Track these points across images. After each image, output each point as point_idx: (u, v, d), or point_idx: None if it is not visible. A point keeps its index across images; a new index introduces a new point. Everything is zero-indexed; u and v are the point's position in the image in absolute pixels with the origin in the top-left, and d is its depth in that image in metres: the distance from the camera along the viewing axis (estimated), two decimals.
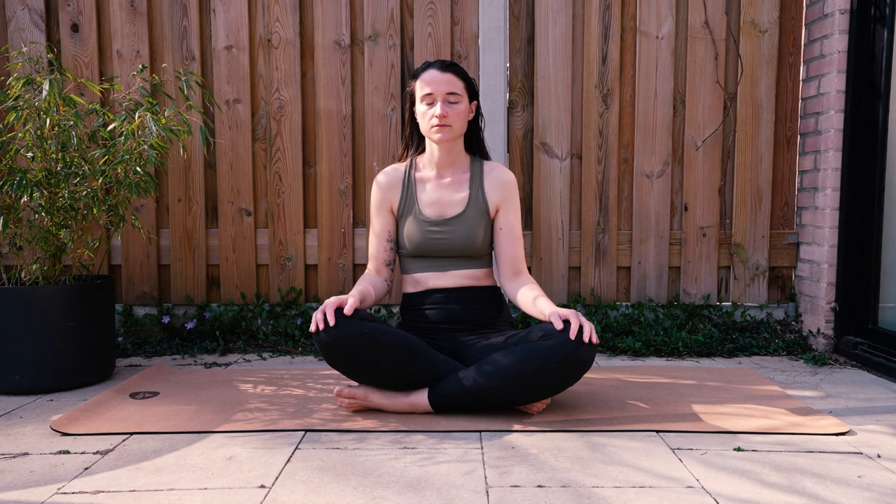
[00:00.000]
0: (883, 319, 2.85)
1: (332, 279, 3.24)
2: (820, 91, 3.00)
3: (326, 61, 3.18)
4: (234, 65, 3.18)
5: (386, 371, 2.08)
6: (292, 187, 3.22)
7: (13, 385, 2.40)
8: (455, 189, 2.28)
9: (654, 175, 3.21)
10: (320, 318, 2.02)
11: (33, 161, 2.45)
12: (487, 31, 3.11)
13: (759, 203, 3.21)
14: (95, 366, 2.55)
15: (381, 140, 3.20)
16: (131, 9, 3.15)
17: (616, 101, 3.19)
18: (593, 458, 1.78)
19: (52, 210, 2.48)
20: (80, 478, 1.68)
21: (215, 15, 3.17)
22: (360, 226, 3.24)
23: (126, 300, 3.23)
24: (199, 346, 3.10)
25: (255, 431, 1.99)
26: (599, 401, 2.24)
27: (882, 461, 1.76)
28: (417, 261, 2.30)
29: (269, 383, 2.52)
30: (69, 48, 3.16)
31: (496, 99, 3.11)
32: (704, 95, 3.19)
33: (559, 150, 3.20)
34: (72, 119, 2.42)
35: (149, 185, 2.56)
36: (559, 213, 3.21)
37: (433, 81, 2.19)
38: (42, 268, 2.53)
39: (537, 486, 1.60)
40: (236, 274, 3.25)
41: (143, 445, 1.89)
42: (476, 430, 1.98)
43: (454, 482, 1.62)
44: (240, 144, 3.21)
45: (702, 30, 3.16)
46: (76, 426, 2.03)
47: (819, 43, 3.01)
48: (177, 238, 3.23)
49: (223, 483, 1.63)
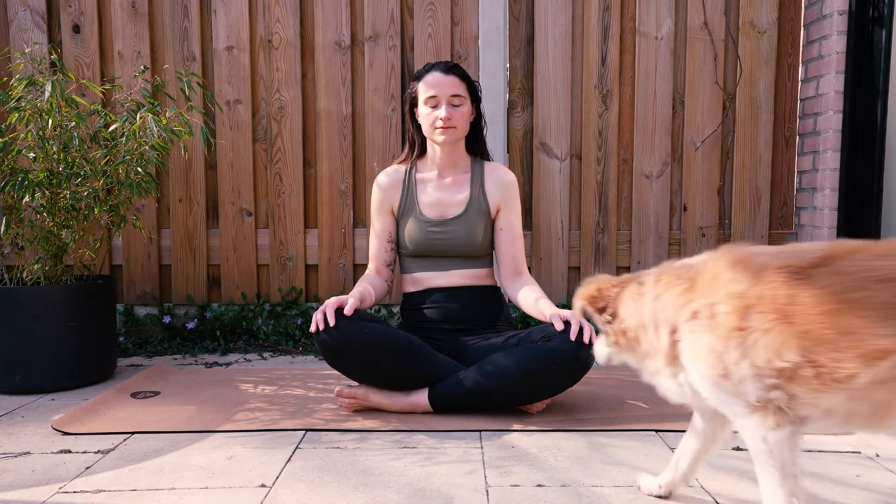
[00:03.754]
0: None
1: (332, 279, 3.25)
2: (819, 92, 3.01)
3: (327, 62, 3.19)
4: (235, 65, 3.19)
5: (386, 371, 2.09)
6: (293, 187, 3.23)
7: (15, 384, 2.41)
8: (456, 190, 2.29)
9: (654, 175, 3.22)
10: (320, 318, 2.02)
11: (35, 161, 2.46)
12: (487, 31, 3.11)
13: (758, 203, 3.22)
14: (96, 365, 2.56)
15: (381, 140, 3.21)
16: (132, 10, 3.16)
17: (615, 101, 3.20)
18: (593, 457, 1.79)
19: (53, 210, 2.49)
20: (81, 477, 1.68)
21: (216, 16, 3.17)
22: (361, 226, 3.25)
23: (127, 300, 3.24)
24: (199, 345, 3.11)
25: (255, 431, 2.00)
26: (599, 401, 2.25)
27: (880, 461, 1.77)
28: (418, 260, 2.31)
29: (269, 383, 2.52)
30: (70, 49, 3.17)
31: (496, 99, 3.12)
32: (703, 96, 3.19)
33: (559, 150, 3.21)
34: (73, 120, 2.42)
35: (150, 185, 2.57)
36: (559, 213, 3.22)
37: (437, 84, 2.19)
38: (44, 268, 2.54)
39: (537, 486, 1.61)
40: (237, 274, 3.25)
41: (144, 445, 1.90)
42: (476, 429, 1.99)
43: (454, 482, 1.63)
44: (240, 145, 3.21)
45: (701, 30, 3.17)
46: (77, 426, 2.04)
47: (818, 44, 3.02)
48: (178, 238, 3.24)
49: (224, 482, 1.64)
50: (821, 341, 1.07)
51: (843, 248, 1.15)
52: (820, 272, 1.12)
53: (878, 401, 1.06)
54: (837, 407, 1.10)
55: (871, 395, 1.06)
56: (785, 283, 1.13)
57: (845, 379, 1.06)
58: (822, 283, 1.10)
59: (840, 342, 1.06)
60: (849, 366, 1.05)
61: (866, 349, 1.04)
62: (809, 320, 1.09)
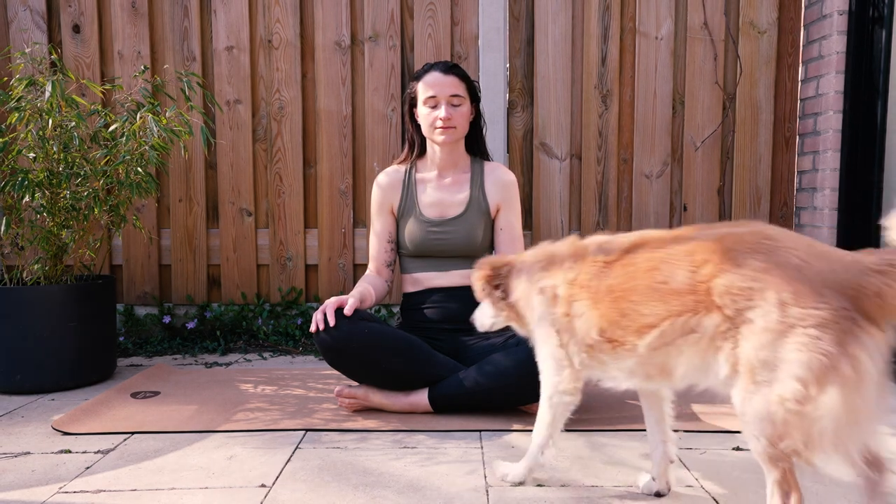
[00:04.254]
0: None
1: (332, 279, 3.25)
2: (819, 92, 3.01)
3: (327, 62, 3.19)
4: (235, 65, 3.19)
5: (386, 371, 2.09)
6: (293, 187, 3.23)
7: (15, 384, 2.41)
8: (456, 190, 2.29)
9: (654, 175, 3.22)
10: (320, 318, 2.02)
11: (35, 161, 2.46)
12: (487, 31, 3.11)
13: (758, 203, 3.22)
14: (96, 365, 2.56)
15: (381, 140, 3.21)
16: (132, 10, 3.16)
17: (615, 101, 3.20)
18: (593, 457, 1.79)
19: (53, 210, 2.49)
20: (81, 477, 1.68)
21: (216, 16, 3.17)
22: (361, 226, 3.25)
23: (127, 300, 3.24)
24: (199, 345, 3.11)
25: (255, 431, 2.00)
26: (599, 401, 2.25)
27: None
28: (418, 261, 2.31)
29: (269, 383, 2.52)
30: (70, 49, 3.17)
31: (496, 99, 3.12)
32: (703, 96, 3.19)
33: (559, 150, 3.21)
34: (74, 120, 2.42)
35: (150, 185, 2.57)
36: (559, 213, 3.22)
37: (437, 84, 2.19)
38: (44, 268, 2.54)
39: (537, 486, 1.61)
40: (237, 274, 3.25)
41: (144, 445, 1.90)
42: (476, 429, 1.99)
43: (454, 482, 1.63)
44: (240, 145, 3.22)
45: (701, 31, 3.17)
46: (77, 426, 2.04)
47: (818, 44, 3.02)
48: (178, 238, 3.24)
49: (224, 482, 1.64)
50: (612, 322, 1.37)
51: (636, 241, 1.41)
52: (617, 264, 1.40)
53: (659, 362, 1.33)
54: (635, 368, 1.38)
55: (652, 359, 1.34)
56: (597, 274, 1.41)
57: (631, 348, 1.35)
58: (616, 273, 1.39)
59: (623, 322, 1.35)
60: (630, 339, 1.34)
61: (638, 325, 1.33)
62: (606, 306, 1.38)
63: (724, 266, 1.22)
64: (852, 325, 1.11)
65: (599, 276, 1.40)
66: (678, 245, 1.32)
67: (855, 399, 1.10)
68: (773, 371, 1.14)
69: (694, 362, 1.28)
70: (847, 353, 1.10)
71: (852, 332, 1.11)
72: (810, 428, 1.12)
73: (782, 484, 1.19)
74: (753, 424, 1.18)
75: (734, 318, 1.20)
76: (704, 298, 1.24)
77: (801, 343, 1.11)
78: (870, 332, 1.11)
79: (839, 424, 1.11)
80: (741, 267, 1.20)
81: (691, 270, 1.27)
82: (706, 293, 1.24)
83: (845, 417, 1.11)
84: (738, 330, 1.20)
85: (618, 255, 1.40)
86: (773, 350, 1.14)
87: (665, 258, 1.32)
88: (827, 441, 1.13)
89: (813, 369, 1.10)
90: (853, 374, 1.10)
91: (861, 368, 1.10)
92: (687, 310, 1.26)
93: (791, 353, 1.12)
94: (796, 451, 1.15)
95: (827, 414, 1.10)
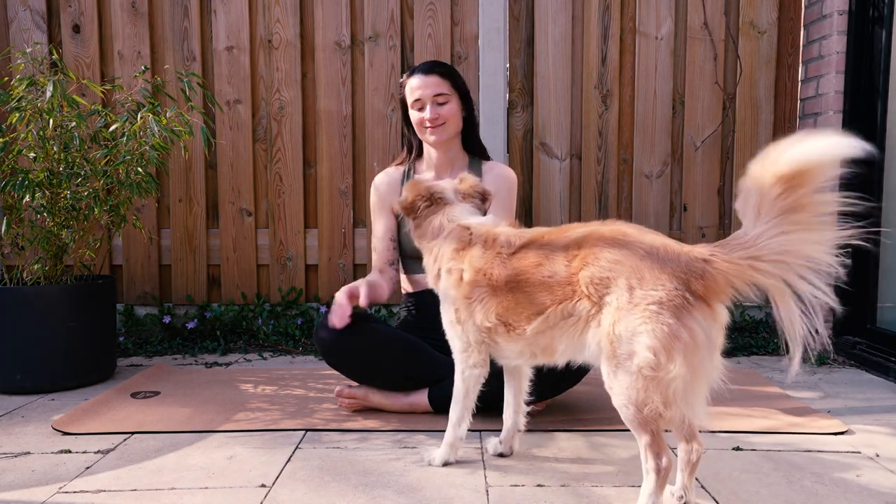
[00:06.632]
0: (881, 319, 2.85)
1: (332, 279, 3.25)
2: (819, 92, 3.01)
3: (327, 62, 3.19)
4: (235, 65, 3.19)
5: (386, 371, 2.09)
6: (293, 187, 3.23)
7: (15, 385, 2.41)
8: None
9: (654, 175, 3.22)
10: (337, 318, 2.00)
11: (35, 161, 2.46)
12: (487, 31, 3.11)
13: None
14: (97, 365, 2.56)
15: (381, 140, 3.21)
16: (132, 10, 3.16)
17: (615, 101, 3.20)
18: (593, 457, 1.79)
19: (53, 210, 2.49)
20: (81, 477, 1.68)
21: (216, 16, 3.17)
22: (361, 226, 3.25)
23: (127, 300, 3.24)
24: (199, 345, 3.11)
25: (255, 431, 2.00)
26: (599, 401, 2.25)
27: (880, 461, 1.77)
28: (418, 262, 2.30)
29: (269, 383, 2.52)
30: (70, 49, 3.17)
31: (496, 99, 3.12)
32: (703, 96, 3.19)
33: (559, 150, 3.21)
34: (74, 120, 2.42)
35: (150, 185, 2.57)
36: (559, 213, 3.22)
37: (419, 86, 2.18)
38: (44, 268, 2.54)
39: (537, 486, 1.61)
40: (237, 274, 3.25)
41: (144, 445, 1.90)
42: (476, 429, 1.99)
43: (454, 482, 1.63)
44: (240, 145, 3.22)
45: (701, 31, 3.17)
46: (77, 426, 2.04)
47: (818, 44, 3.02)
48: (178, 238, 3.24)
49: (224, 482, 1.64)
50: (507, 308, 1.58)
51: (532, 236, 1.60)
52: (515, 256, 1.58)
53: (545, 344, 1.56)
54: (524, 349, 1.60)
55: (538, 341, 1.56)
56: (500, 264, 1.59)
57: (521, 332, 1.57)
58: (514, 265, 1.58)
59: (517, 308, 1.56)
60: (521, 324, 1.56)
61: (527, 313, 1.54)
62: (504, 294, 1.58)
63: (588, 260, 1.47)
64: (685, 303, 1.35)
65: (502, 266, 1.59)
66: (559, 242, 1.55)
67: (694, 362, 1.34)
68: (629, 344, 1.37)
69: (572, 342, 1.51)
70: (684, 325, 1.34)
71: (686, 308, 1.35)
72: (666, 390, 1.35)
73: (653, 446, 1.39)
74: (621, 395, 1.41)
75: (598, 303, 1.44)
76: (577, 288, 1.47)
77: (645, 317, 1.36)
78: (700, 309, 1.35)
79: (686, 383, 1.35)
80: (600, 260, 1.45)
81: (566, 264, 1.50)
82: (578, 283, 1.47)
83: (690, 376, 1.34)
84: (601, 312, 1.44)
85: (517, 248, 1.60)
86: (626, 324, 1.38)
87: (548, 254, 1.54)
88: (680, 398, 1.36)
89: (660, 339, 1.33)
90: (691, 341, 1.34)
91: (697, 337, 1.34)
92: (566, 297, 1.49)
93: (640, 325, 1.36)
94: (659, 412, 1.37)
95: (677, 376, 1.33)
